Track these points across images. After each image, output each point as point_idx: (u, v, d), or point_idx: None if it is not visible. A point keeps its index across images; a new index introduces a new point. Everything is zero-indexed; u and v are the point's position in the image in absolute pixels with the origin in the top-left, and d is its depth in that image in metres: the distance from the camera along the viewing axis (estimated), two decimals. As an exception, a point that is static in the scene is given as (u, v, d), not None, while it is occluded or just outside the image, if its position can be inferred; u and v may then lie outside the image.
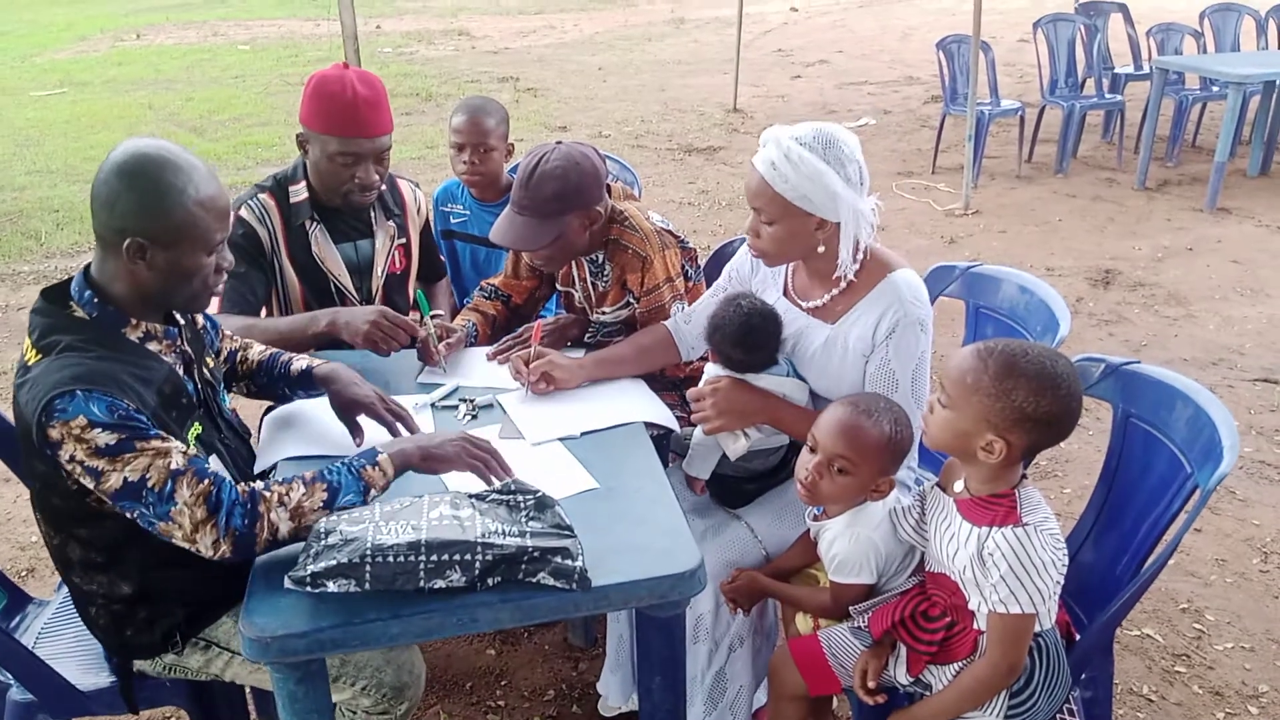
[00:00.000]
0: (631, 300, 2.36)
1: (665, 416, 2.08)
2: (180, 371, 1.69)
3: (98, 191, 1.56)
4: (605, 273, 2.39)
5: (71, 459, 1.48)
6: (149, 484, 1.48)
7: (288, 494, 1.55)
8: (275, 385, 2.02)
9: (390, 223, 2.53)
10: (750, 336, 1.94)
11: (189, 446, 1.61)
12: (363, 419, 1.92)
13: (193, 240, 1.58)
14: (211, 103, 10.07)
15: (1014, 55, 11.22)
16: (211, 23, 16.54)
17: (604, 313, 2.41)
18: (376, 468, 1.62)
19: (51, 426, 1.47)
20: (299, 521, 1.54)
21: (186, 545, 1.52)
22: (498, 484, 1.69)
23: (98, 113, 9.69)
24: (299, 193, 2.41)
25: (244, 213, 2.35)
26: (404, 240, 2.57)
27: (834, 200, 1.82)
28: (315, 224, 2.42)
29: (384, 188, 2.51)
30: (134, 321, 1.63)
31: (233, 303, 2.29)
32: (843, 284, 1.94)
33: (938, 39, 6.97)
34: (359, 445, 1.89)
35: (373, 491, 1.61)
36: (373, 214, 2.51)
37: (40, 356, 1.54)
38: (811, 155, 1.80)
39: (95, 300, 1.60)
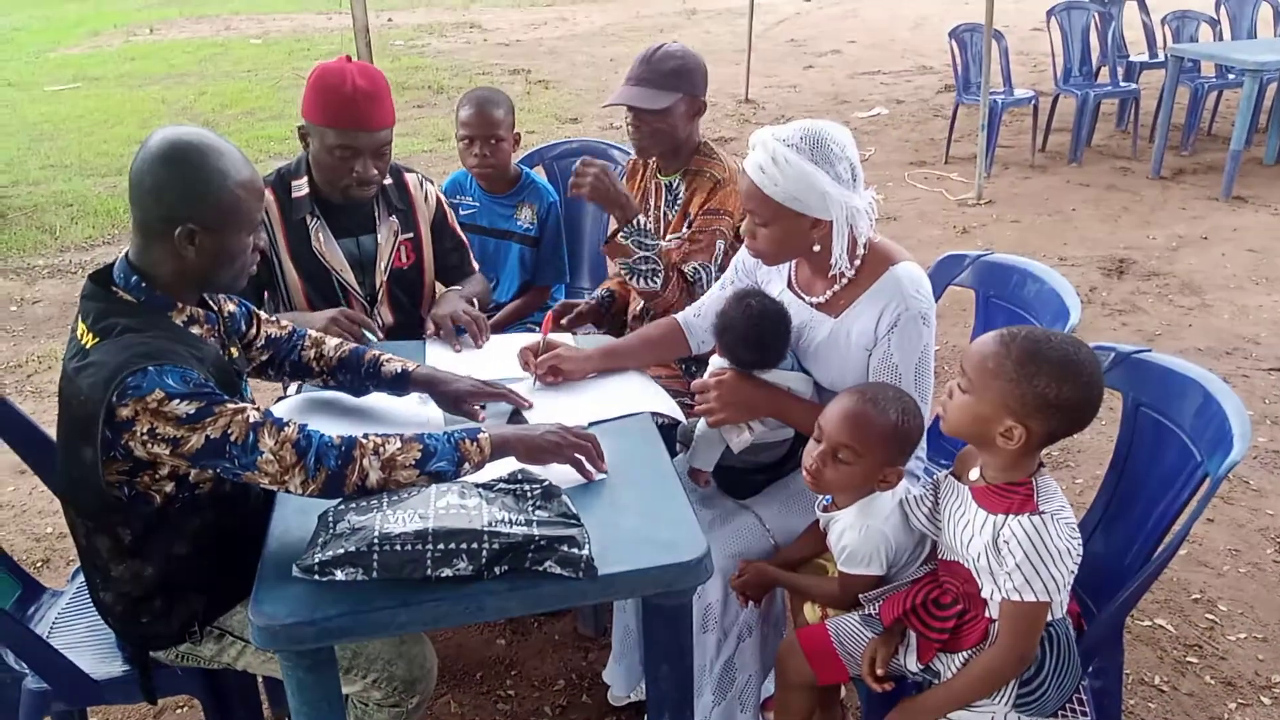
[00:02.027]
0: (688, 228, 2.41)
1: (671, 407, 2.08)
2: (223, 356, 1.73)
3: (141, 181, 1.59)
4: (679, 199, 2.45)
5: (148, 433, 1.50)
6: (232, 438, 1.52)
7: (383, 445, 1.60)
8: (361, 383, 2.01)
9: (393, 218, 2.49)
10: (760, 339, 1.94)
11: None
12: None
13: (238, 222, 1.63)
14: (224, 97, 10.11)
15: (1027, 44, 11.14)
16: (224, 17, 16.60)
17: (668, 240, 2.45)
18: (475, 444, 1.65)
19: (124, 405, 1.48)
20: (389, 473, 1.59)
21: (274, 487, 1.57)
22: (599, 476, 1.74)
23: (111, 107, 9.74)
24: (300, 188, 2.40)
25: None
26: (410, 235, 2.53)
27: (824, 200, 1.82)
28: (316, 219, 2.40)
29: (388, 182, 2.49)
30: (179, 306, 1.67)
31: None
32: (843, 279, 1.94)
33: (950, 28, 6.93)
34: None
35: (466, 465, 1.64)
36: (375, 209, 2.48)
37: (98, 340, 1.56)
38: (798, 156, 1.80)
39: (142, 285, 1.62)
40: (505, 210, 2.96)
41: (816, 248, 1.90)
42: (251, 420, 1.54)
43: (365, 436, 1.60)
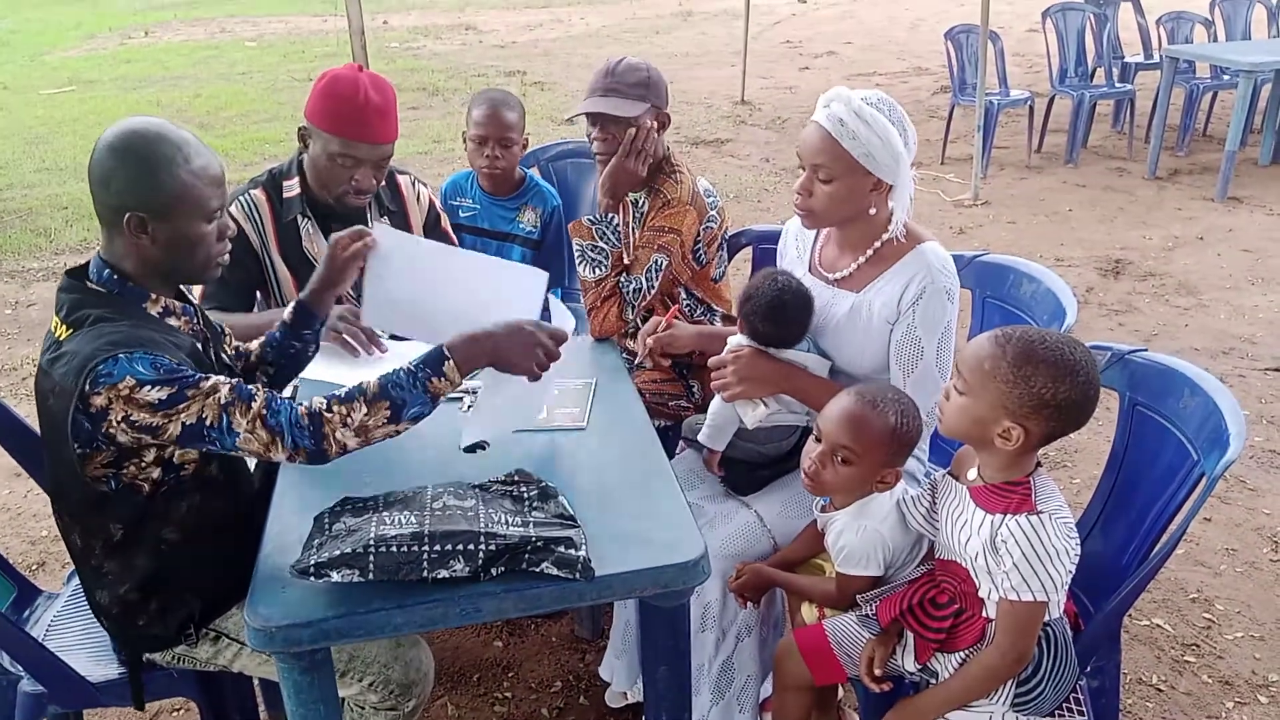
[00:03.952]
0: None
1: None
2: (200, 348, 1.71)
3: (93, 172, 1.59)
4: (641, 215, 2.46)
5: (123, 421, 1.49)
6: (208, 424, 1.51)
7: (349, 415, 1.55)
8: (285, 350, 1.96)
9: (385, 220, 2.49)
10: (781, 312, 1.97)
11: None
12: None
13: (190, 209, 1.60)
14: (219, 99, 10.10)
15: (1023, 45, 11.16)
16: (219, 19, 16.58)
17: (635, 257, 2.46)
18: (444, 379, 1.60)
19: (96, 394, 1.47)
20: (366, 437, 1.57)
21: (264, 459, 1.57)
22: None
23: (106, 110, 9.72)
24: (291, 188, 2.38)
25: (233, 210, 2.33)
26: None
27: (897, 161, 1.86)
28: (307, 219, 2.40)
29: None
30: (154, 297, 1.65)
31: (211, 298, 2.28)
32: (869, 252, 1.97)
33: (946, 29, 6.94)
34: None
35: (441, 398, 1.61)
36: (367, 211, 2.47)
37: (71, 331, 1.56)
38: (879, 114, 1.85)
39: (115, 277, 1.62)
40: (507, 213, 2.95)
41: (872, 210, 1.92)
42: (222, 401, 1.52)
43: (329, 409, 1.56)
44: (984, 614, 1.61)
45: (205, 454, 1.61)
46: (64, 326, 1.57)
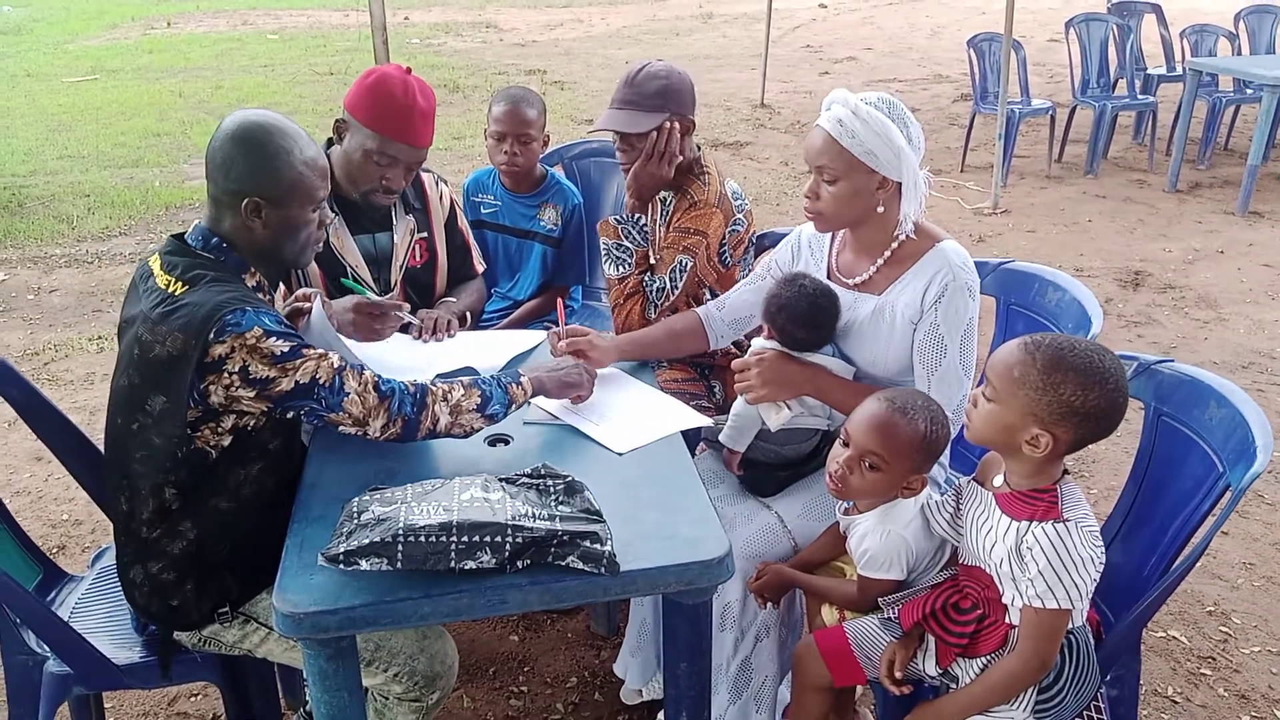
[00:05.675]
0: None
1: (696, 419, 2.05)
2: None
3: (213, 158, 1.73)
4: (668, 214, 2.47)
5: (238, 373, 1.59)
6: (320, 381, 1.64)
7: (450, 392, 1.75)
8: None
9: (410, 217, 2.50)
10: (815, 315, 1.99)
11: None
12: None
13: (301, 197, 1.75)
14: (240, 91, 10.15)
15: (1045, 55, 11.13)
16: (241, 11, 16.66)
17: (660, 257, 2.46)
18: (519, 386, 1.85)
19: (220, 342, 1.58)
20: (455, 418, 1.75)
21: (354, 430, 1.69)
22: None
23: (128, 99, 9.78)
24: None
25: None
26: (425, 234, 2.54)
27: (898, 157, 1.88)
28: (334, 215, 2.40)
29: None
30: (252, 270, 1.78)
31: None
32: (887, 254, 1.98)
33: (968, 37, 6.93)
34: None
35: (513, 406, 1.83)
36: (393, 208, 2.48)
37: (187, 287, 1.66)
38: (877, 112, 1.89)
39: (223, 246, 1.74)
40: (528, 210, 2.96)
41: (880, 208, 1.94)
42: (335, 364, 1.66)
43: (434, 383, 1.75)
44: (1007, 620, 1.61)
45: (274, 426, 1.71)
46: (179, 283, 1.66)
